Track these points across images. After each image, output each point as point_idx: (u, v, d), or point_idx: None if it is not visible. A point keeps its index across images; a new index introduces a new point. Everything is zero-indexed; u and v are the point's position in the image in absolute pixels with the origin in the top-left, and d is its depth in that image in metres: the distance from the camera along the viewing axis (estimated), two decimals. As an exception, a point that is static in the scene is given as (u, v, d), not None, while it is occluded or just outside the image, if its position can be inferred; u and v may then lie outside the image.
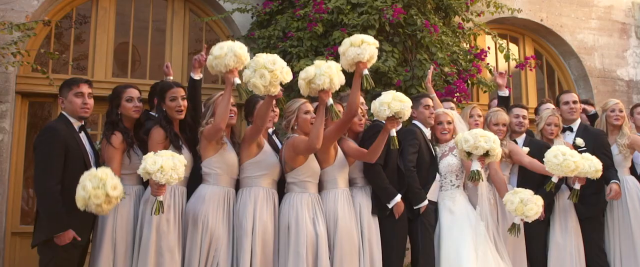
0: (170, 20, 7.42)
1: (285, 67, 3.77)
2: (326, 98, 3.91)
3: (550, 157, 4.60)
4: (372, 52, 4.01)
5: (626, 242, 5.13)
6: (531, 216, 4.37)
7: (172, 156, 3.66)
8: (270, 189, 4.23)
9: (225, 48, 3.80)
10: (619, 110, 5.46)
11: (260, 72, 3.66)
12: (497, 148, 4.43)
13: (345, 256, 4.17)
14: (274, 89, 3.72)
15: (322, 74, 3.86)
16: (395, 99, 4.04)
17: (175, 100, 4.15)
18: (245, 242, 3.99)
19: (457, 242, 4.50)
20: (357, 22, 6.27)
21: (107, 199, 3.48)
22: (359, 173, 4.55)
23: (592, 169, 4.70)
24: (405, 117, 4.10)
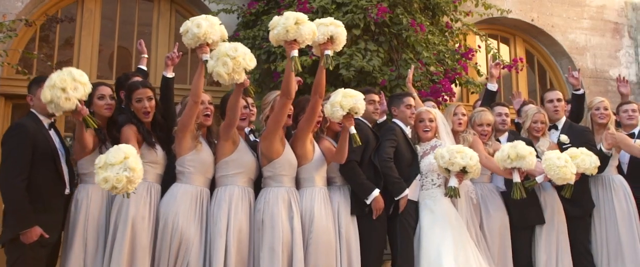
0: (156, 21, 7.38)
1: (248, 53, 3.74)
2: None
3: (553, 158, 4.50)
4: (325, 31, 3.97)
5: (613, 243, 5.02)
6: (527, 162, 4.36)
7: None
8: (246, 187, 4.15)
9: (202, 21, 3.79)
10: (603, 108, 5.35)
11: (222, 61, 3.63)
12: (474, 165, 4.37)
13: (320, 256, 4.08)
14: (238, 77, 3.68)
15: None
16: (346, 96, 3.98)
17: (141, 101, 4.07)
18: (219, 242, 3.91)
19: (437, 242, 4.40)
20: (342, 21, 6.18)
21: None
22: (337, 172, 4.46)
23: (592, 165, 4.62)
24: (360, 111, 4.04)
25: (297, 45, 3.89)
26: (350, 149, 4.36)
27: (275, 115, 4.08)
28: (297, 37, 3.83)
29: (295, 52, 3.87)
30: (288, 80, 3.99)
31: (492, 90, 5.75)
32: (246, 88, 3.90)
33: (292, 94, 4.05)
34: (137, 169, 3.31)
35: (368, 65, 6.03)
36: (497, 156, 4.53)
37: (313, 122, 4.22)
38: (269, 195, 4.11)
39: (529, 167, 4.44)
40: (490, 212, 4.85)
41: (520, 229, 4.90)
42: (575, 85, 5.86)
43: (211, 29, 3.73)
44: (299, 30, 3.82)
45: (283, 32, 3.84)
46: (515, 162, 4.40)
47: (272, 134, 4.09)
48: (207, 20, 3.76)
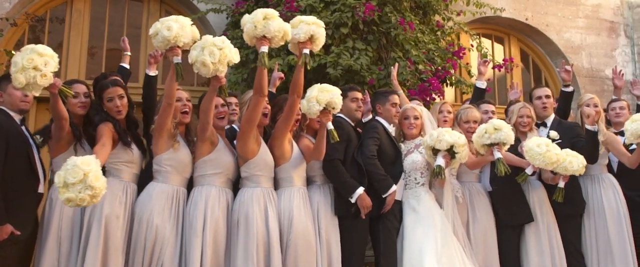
0: (145, 22, 7.33)
1: (234, 48, 3.70)
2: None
3: (532, 145, 4.44)
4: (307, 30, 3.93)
5: (603, 243, 4.91)
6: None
7: None
8: (223, 188, 4.09)
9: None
10: (593, 105, 5.20)
11: (209, 50, 3.57)
12: (463, 145, 4.30)
13: (300, 257, 4.01)
14: (222, 69, 3.63)
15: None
16: (322, 91, 3.93)
17: (112, 101, 4.01)
18: (195, 242, 3.84)
19: (420, 242, 4.31)
20: (330, 19, 6.15)
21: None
22: (318, 170, 4.39)
23: (580, 166, 4.53)
24: (337, 106, 3.99)
25: (267, 41, 3.82)
26: (332, 147, 4.31)
27: (248, 114, 4.02)
28: (265, 32, 3.78)
29: (265, 48, 3.81)
30: (260, 77, 3.93)
31: (481, 87, 5.67)
32: (220, 87, 3.81)
33: (265, 92, 3.98)
34: (97, 185, 3.17)
35: (356, 64, 5.97)
36: (475, 136, 4.47)
37: (291, 122, 4.15)
38: (245, 195, 4.04)
39: (508, 141, 4.36)
40: (476, 212, 4.76)
41: (508, 230, 4.79)
42: (567, 80, 5.74)
43: (182, 31, 3.63)
44: (267, 26, 3.77)
45: (251, 28, 3.80)
46: (494, 135, 4.32)
47: (246, 133, 4.02)
48: (178, 22, 3.65)
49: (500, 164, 4.31)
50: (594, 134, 4.79)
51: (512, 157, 4.60)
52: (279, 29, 3.79)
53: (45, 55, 3.43)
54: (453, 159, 4.29)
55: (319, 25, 4.02)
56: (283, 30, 3.83)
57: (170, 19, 3.67)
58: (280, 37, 3.85)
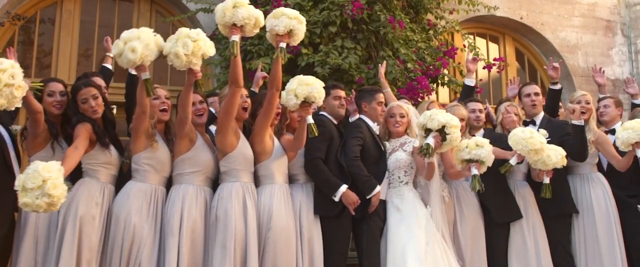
0: (136, 22, 7.29)
1: (209, 41, 3.62)
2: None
3: (517, 132, 4.40)
4: (287, 24, 3.86)
5: (592, 244, 4.79)
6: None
7: None
8: (202, 186, 4.02)
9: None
10: (585, 102, 5.09)
11: (183, 41, 3.49)
12: (455, 126, 4.16)
13: (279, 256, 3.94)
14: (196, 61, 3.55)
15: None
16: (302, 84, 3.85)
17: (87, 102, 3.94)
18: (172, 241, 3.79)
19: (403, 242, 4.22)
20: (318, 18, 6.10)
21: None
22: (300, 169, 4.32)
23: (559, 158, 4.44)
24: (318, 100, 3.90)
25: (238, 30, 3.76)
26: (313, 146, 4.25)
27: (225, 105, 3.96)
28: (235, 20, 3.71)
29: (236, 37, 3.75)
30: (234, 67, 3.87)
31: (470, 85, 5.59)
32: (196, 83, 3.75)
33: (240, 82, 3.91)
34: (55, 194, 3.08)
35: (344, 62, 5.92)
36: (455, 150, 4.37)
37: (270, 116, 4.09)
38: (223, 191, 3.98)
39: (487, 161, 4.27)
40: (464, 212, 4.67)
41: (497, 229, 4.70)
42: (554, 78, 5.64)
43: (147, 50, 3.49)
44: (235, 13, 3.70)
45: (221, 16, 3.74)
46: (474, 151, 4.23)
47: (224, 126, 3.96)
48: (141, 41, 3.49)
49: (476, 181, 4.24)
50: (581, 129, 4.70)
51: (496, 150, 4.52)
52: (248, 16, 3.72)
53: (5, 69, 3.30)
54: (444, 142, 4.18)
55: (300, 21, 3.96)
56: (254, 18, 3.76)
57: (133, 36, 3.50)
58: (251, 25, 3.78)
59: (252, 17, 3.76)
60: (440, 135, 4.15)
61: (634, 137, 4.53)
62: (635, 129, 4.52)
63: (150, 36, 3.55)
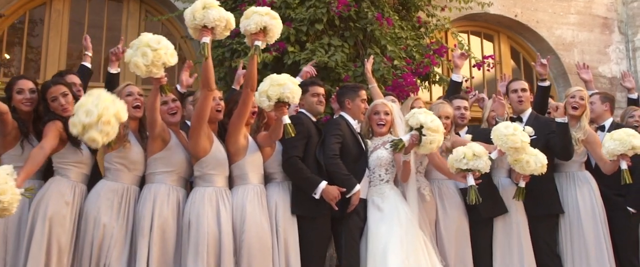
0: (125, 22, 7.27)
1: (170, 48, 3.54)
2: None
3: (500, 127, 4.29)
4: (259, 21, 3.79)
5: (578, 245, 4.68)
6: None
7: None
8: (175, 186, 3.96)
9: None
10: (580, 97, 4.92)
11: (142, 51, 3.43)
12: (434, 129, 4.05)
13: (254, 256, 3.85)
14: (156, 70, 3.48)
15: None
16: (273, 84, 3.76)
17: (56, 100, 3.88)
18: (142, 241, 3.73)
19: (384, 242, 4.12)
20: (304, 16, 6.04)
21: None
22: (277, 167, 4.24)
23: (538, 166, 4.36)
24: (292, 99, 3.80)
25: (208, 31, 3.70)
26: (291, 145, 4.18)
27: (196, 110, 3.90)
28: (205, 22, 3.65)
29: (206, 39, 3.69)
30: (205, 70, 3.81)
31: (457, 81, 5.50)
32: (163, 87, 3.66)
33: (212, 85, 3.85)
34: (5, 200, 3.01)
35: (330, 60, 5.85)
36: (452, 159, 4.24)
37: (244, 117, 4.02)
38: (196, 195, 3.91)
39: (484, 170, 4.20)
40: (447, 211, 4.57)
41: (480, 226, 4.61)
42: (542, 74, 5.51)
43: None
44: (206, 15, 3.64)
45: (191, 18, 3.69)
46: (472, 162, 4.14)
47: (196, 130, 3.90)
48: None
49: (473, 192, 4.16)
50: (565, 126, 4.58)
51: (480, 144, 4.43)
52: (219, 18, 3.66)
53: None
54: (420, 144, 4.10)
55: (273, 16, 3.89)
56: (224, 20, 3.70)
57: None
58: (222, 27, 3.72)
59: (223, 18, 3.71)
60: (419, 135, 4.06)
61: (620, 149, 4.41)
62: (622, 141, 4.39)
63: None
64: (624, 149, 4.39)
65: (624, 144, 4.38)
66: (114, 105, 3.31)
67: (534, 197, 4.64)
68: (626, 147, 4.38)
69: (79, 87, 4.49)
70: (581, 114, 4.90)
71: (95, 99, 3.28)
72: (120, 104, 3.38)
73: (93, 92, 3.33)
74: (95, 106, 3.21)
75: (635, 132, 4.44)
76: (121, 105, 3.38)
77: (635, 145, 4.36)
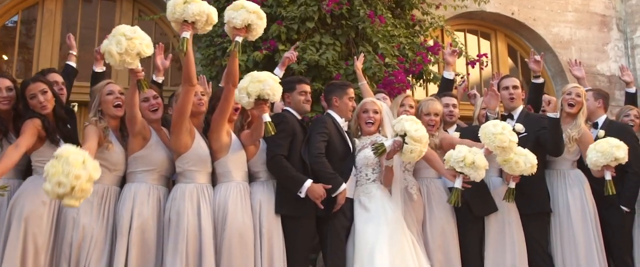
0: (118, 21, 7.22)
1: (146, 39, 3.48)
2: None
3: (488, 125, 4.21)
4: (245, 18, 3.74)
5: (568, 244, 4.60)
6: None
7: None
8: (155, 185, 3.91)
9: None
10: (576, 94, 4.84)
11: (117, 39, 3.38)
12: (416, 138, 3.96)
13: (235, 255, 3.80)
14: (130, 60, 3.41)
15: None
16: (253, 81, 3.68)
17: (35, 97, 3.83)
18: (121, 241, 3.69)
19: (371, 242, 4.05)
20: (296, 14, 5.99)
21: None
22: (262, 166, 4.17)
23: (528, 166, 4.28)
24: (272, 96, 3.70)
25: (189, 26, 3.65)
26: (275, 142, 4.12)
27: (178, 106, 3.84)
28: (185, 16, 3.60)
29: (186, 34, 3.64)
30: (186, 65, 3.76)
31: (448, 78, 5.43)
32: (140, 82, 3.59)
33: (193, 81, 3.80)
34: None
35: (321, 59, 5.79)
36: (451, 155, 4.15)
37: (226, 113, 3.96)
38: (177, 192, 3.87)
39: (475, 179, 4.12)
40: (434, 210, 4.50)
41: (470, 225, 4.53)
42: (536, 71, 5.44)
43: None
44: (186, 9, 3.59)
45: (171, 12, 3.64)
46: (467, 169, 4.06)
47: (177, 126, 3.85)
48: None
49: (456, 194, 4.09)
50: (556, 122, 4.49)
51: (466, 141, 4.36)
52: (199, 12, 3.61)
53: None
54: (402, 151, 4.04)
55: (260, 16, 3.83)
56: (205, 14, 3.65)
57: None
58: (203, 22, 3.67)
59: (204, 13, 3.65)
60: (402, 142, 4.00)
61: (602, 161, 4.35)
62: (604, 153, 4.32)
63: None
64: (606, 161, 4.34)
65: (606, 157, 4.32)
66: (86, 170, 3.04)
67: (524, 195, 4.56)
68: (608, 159, 4.32)
69: (62, 86, 4.45)
70: (578, 112, 4.82)
71: (64, 167, 3.00)
72: (92, 164, 3.10)
73: (61, 153, 3.05)
74: (66, 176, 2.97)
75: (620, 143, 4.35)
76: (93, 165, 3.10)
77: (618, 157, 4.30)
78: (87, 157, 3.09)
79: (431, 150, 4.43)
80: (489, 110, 4.72)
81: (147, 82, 3.63)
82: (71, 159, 3.00)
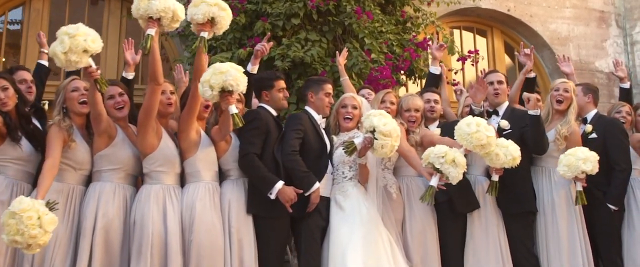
0: (106, 21, 7.17)
1: (91, 34, 3.33)
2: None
3: (462, 125, 4.06)
4: (206, 12, 3.63)
5: (553, 243, 4.44)
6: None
7: None
8: (121, 184, 3.80)
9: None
10: (564, 90, 4.68)
11: (60, 39, 3.26)
12: (386, 132, 3.81)
13: (203, 257, 3.68)
14: (76, 58, 3.27)
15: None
16: (216, 73, 3.52)
17: None
18: (84, 242, 3.58)
19: (344, 242, 3.92)
20: (281, 10, 5.88)
21: None
22: (233, 163, 4.03)
23: (508, 158, 4.14)
24: (237, 87, 3.53)
25: (153, 23, 3.54)
26: (247, 140, 3.99)
27: (143, 105, 3.73)
28: (149, 12, 3.49)
29: (151, 30, 3.53)
30: (152, 63, 3.65)
31: (435, 73, 5.29)
32: (97, 81, 3.46)
33: (159, 79, 3.69)
34: None
35: (306, 56, 5.68)
36: (432, 150, 3.99)
37: (194, 111, 3.84)
38: (142, 194, 3.76)
39: (451, 180, 3.94)
40: (414, 209, 4.34)
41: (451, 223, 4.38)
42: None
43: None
44: (150, 5, 3.49)
45: (136, 9, 3.55)
46: (447, 166, 3.89)
47: (142, 126, 3.74)
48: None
49: (429, 192, 3.95)
50: (536, 119, 4.35)
51: (450, 142, 4.22)
52: (164, 8, 3.50)
53: None
54: (373, 148, 3.91)
55: (222, 8, 3.72)
56: (171, 11, 3.54)
57: None
58: (169, 18, 3.56)
59: (169, 9, 3.54)
60: (372, 138, 3.87)
61: (569, 175, 4.30)
62: (570, 166, 4.25)
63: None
64: (573, 175, 4.28)
65: (572, 170, 4.27)
66: (41, 228, 3.03)
67: (509, 193, 4.43)
68: (575, 172, 4.27)
69: (30, 84, 4.37)
70: (567, 108, 4.67)
71: (20, 226, 3.00)
72: (47, 219, 3.06)
73: (16, 210, 3.03)
74: (21, 236, 3.00)
75: (589, 155, 4.25)
76: (48, 219, 3.06)
77: (585, 170, 4.23)
78: (42, 211, 3.05)
79: (409, 146, 4.30)
80: (473, 104, 4.58)
81: (105, 81, 3.50)
82: (25, 219, 2.99)
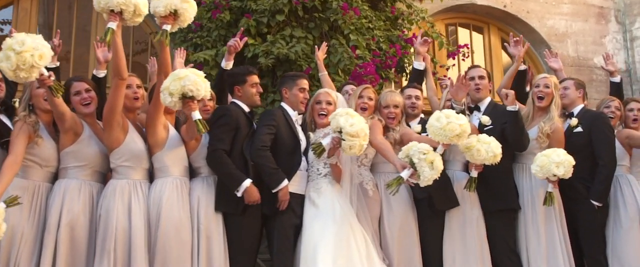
0: (95, 20, 7.12)
1: (39, 48, 3.20)
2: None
3: (432, 121, 3.96)
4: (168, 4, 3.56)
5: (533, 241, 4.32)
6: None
7: None
8: (88, 181, 3.75)
9: None
10: (544, 85, 4.56)
11: (5, 54, 3.15)
12: (352, 133, 3.71)
13: (169, 252, 3.62)
14: (25, 74, 3.17)
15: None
16: (174, 79, 3.45)
17: None
18: (48, 239, 3.54)
19: (316, 240, 3.83)
20: (265, 7, 5.80)
21: None
22: (203, 161, 3.97)
23: (489, 155, 4.03)
24: (197, 92, 3.45)
25: (115, 17, 3.47)
26: (216, 136, 3.92)
27: (108, 100, 3.70)
28: (110, 6, 3.41)
29: (113, 24, 3.46)
30: (114, 58, 3.61)
31: (419, 69, 5.18)
32: (51, 88, 3.38)
33: (123, 74, 3.63)
34: None
35: (290, 52, 5.59)
36: (411, 145, 3.88)
37: (159, 107, 3.76)
38: (108, 189, 3.71)
39: (424, 180, 3.80)
40: (392, 206, 4.23)
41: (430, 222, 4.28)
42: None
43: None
44: None
45: (97, 1, 3.47)
46: (423, 164, 3.76)
47: (108, 121, 3.69)
48: None
49: (396, 182, 3.81)
50: (515, 115, 4.24)
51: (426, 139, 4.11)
52: (125, 1, 3.41)
53: None
54: (342, 148, 3.81)
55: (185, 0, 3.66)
56: (132, 4, 3.45)
57: None
58: (130, 12, 3.48)
59: (130, 2, 3.45)
60: (339, 138, 3.77)
61: (540, 176, 4.22)
62: (543, 168, 4.16)
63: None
64: (544, 176, 4.20)
65: (544, 172, 4.18)
66: None
67: (489, 190, 4.33)
68: (546, 174, 4.17)
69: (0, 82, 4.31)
70: (549, 104, 4.55)
71: None
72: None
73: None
74: None
75: (563, 159, 4.15)
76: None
77: (557, 174, 4.14)
78: None
79: (383, 139, 4.18)
80: (453, 101, 4.46)
81: (59, 86, 3.44)
82: None
